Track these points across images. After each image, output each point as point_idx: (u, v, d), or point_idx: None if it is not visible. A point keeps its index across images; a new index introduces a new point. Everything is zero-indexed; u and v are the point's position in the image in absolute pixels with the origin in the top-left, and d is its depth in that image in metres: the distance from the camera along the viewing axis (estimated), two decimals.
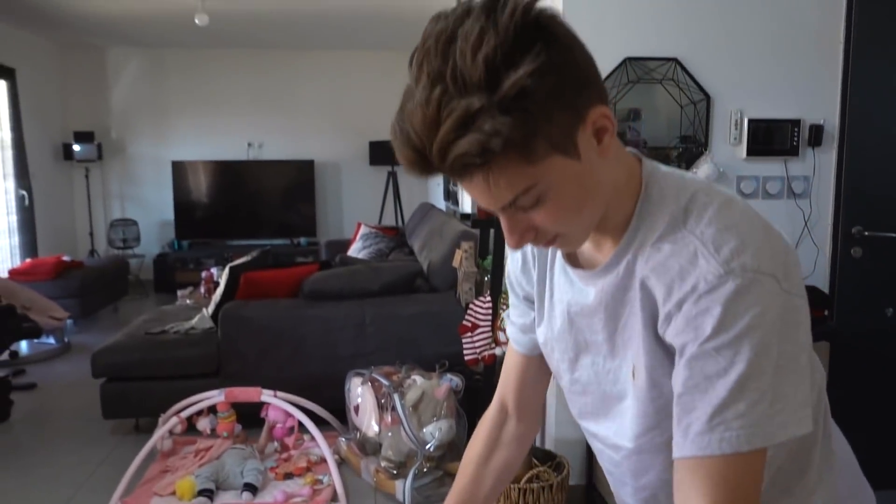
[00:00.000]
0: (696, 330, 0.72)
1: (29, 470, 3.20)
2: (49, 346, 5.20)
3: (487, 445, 1.08)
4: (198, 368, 3.49)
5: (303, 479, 2.94)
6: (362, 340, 3.49)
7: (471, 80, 0.65)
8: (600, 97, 0.73)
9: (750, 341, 0.69)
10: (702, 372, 0.71)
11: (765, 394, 0.70)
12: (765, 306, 0.70)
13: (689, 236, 0.75)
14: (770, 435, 0.71)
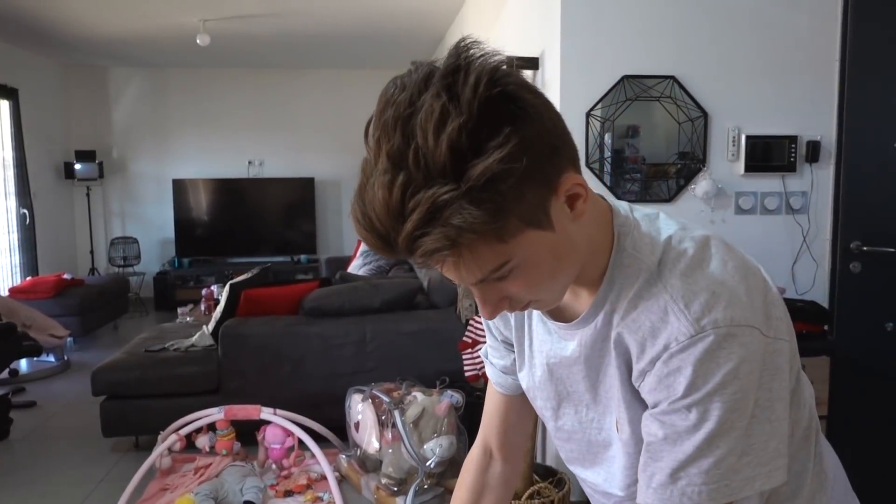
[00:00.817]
0: (668, 389, 0.71)
1: (29, 487, 3.18)
2: (49, 364, 5.19)
3: (474, 491, 1.06)
4: (197, 386, 3.48)
5: (303, 497, 2.92)
6: (362, 357, 3.49)
7: (435, 166, 0.61)
8: (571, 161, 0.70)
9: (721, 398, 0.68)
10: (672, 426, 0.71)
11: (733, 449, 0.69)
12: (740, 359, 0.68)
13: (662, 292, 0.73)
14: (735, 490, 0.70)
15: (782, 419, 0.72)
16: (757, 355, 0.70)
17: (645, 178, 2.79)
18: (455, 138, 0.60)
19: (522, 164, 0.62)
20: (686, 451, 0.70)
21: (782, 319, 0.74)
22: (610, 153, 2.77)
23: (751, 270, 0.75)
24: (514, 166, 0.62)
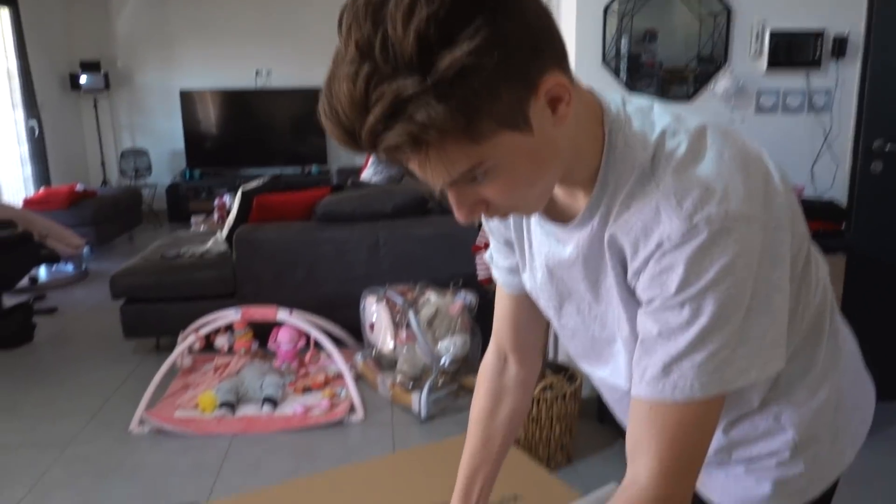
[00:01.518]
0: (661, 286, 0.70)
1: (56, 386, 3.29)
2: (67, 273, 5.28)
3: (491, 397, 1.05)
4: (214, 290, 3.54)
5: (321, 393, 3.01)
6: (376, 262, 3.51)
7: (402, 57, 0.57)
8: (556, 61, 0.65)
9: (715, 294, 0.68)
10: (665, 323, 0.71)
11: (727, 342, 0.69)
12: (735, 254, 0.67)
13: (654, 191, 0.70)
14: (728, 381, 0.70)
15: (781, 309, 0.72)
16: (754, 248, 0.68)
17: (661, 83, 2.72)
18: (424, 28, 0.57)
19: (495, 59, 0.58)
20: (679, 347, 0.70)
21: (784, 207, 0.72)
22: (626, 57, 2.70)
23: (750, 157, 0.72)
24: (486, 60, 0.58)
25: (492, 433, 1.04)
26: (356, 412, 2.87)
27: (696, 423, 0.72)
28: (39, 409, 3.04)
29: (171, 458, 2.60)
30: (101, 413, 2.99)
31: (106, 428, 2.85)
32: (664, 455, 0.72)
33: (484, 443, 1.04)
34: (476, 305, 2.98)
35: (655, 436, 0.72)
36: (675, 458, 0.72)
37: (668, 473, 0.72)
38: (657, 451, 0.72)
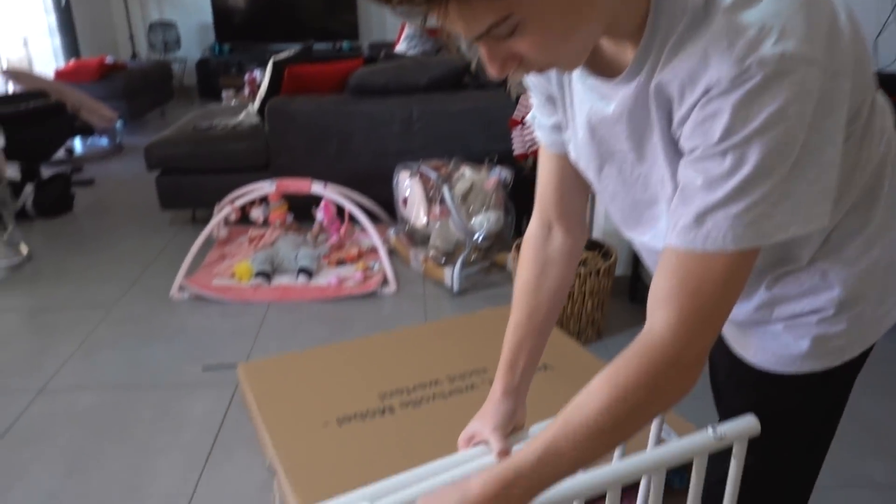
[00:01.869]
0: (704, 134, 0.65)
1: (96, 254, 3.38)
2: (102, 146, 5.31)
3: (537, 268, 1.00)
4: (247, 162, 3.53)
5: (354, 266, 3.05)
6: (409, 137, 3.45)
7: None
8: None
9: (761, 143, 0.63)
10: (705, 172, 0.66)
11: (769, 195, 0.65)
12: (786, 100, 0.61)
13: (705, 33, 0.64)
14: (764, 236, 0.67)
15: (831, 163, 0.67)
16: (810, 94, 0.62)
17: None
18: None
19: None
20: (716, 196, 0.66)
21: (849, 51, 0.66)
22: None
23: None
24: None
25: (537, 304, 1.00)
26: (389, 285, 2.91)
27: (724, 277, 0.69)
28: (83, 275, 3.14)
29: (210, 323, 2.68)
30: (141, 279, 3.07)
31: (147, 293, 2.94)
32: (685, 306, 0.69)
33: (529, 314, 1.00)
34: (511, 181, 2.94)
35: (678, 286, 0.70)
36: (696, 311, 0.70)
37: (687, 326, 0.70)
38: (679, 302, 0.69)
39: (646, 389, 0.71)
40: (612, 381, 0.71)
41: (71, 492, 1.80)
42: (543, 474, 0.72)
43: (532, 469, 0.72)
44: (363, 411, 1.79)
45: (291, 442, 1.68)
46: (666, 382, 0.71)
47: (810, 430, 0.95)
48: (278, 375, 2.00)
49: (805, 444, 0.96)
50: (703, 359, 0.72)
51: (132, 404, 2.18)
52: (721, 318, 0.72)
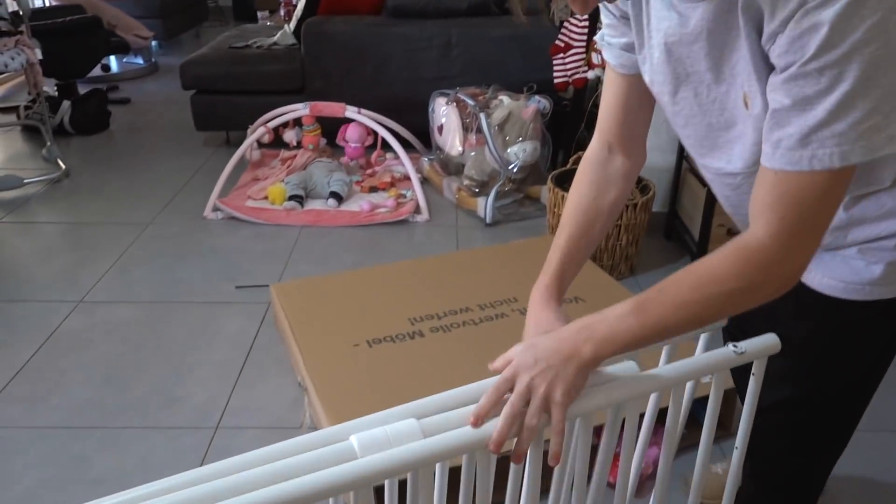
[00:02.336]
0: (800, 50, 0.62)
1: (133, 172, 3.40)
2: (138, 65, 5.29)
3: (594, 189, 1.01)
4: (282, 84, 3.48)
5: (387, 193, 3.03)
6: (447, 62, 3.36)
7: None
8: None
9: (861, 58, 0.60)
10: (801, 91, 0.64)
11: (874, 110, 0.63)
12: (888, 9, 0.59)
13: None
14: (875, 149, 0.65)
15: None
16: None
17: None
18: None
19: None
20: (817, 116, 0.64)
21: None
22: None
23: None
24: None
25: (592, 223, 1.00)
26: (421, 213, 2.89)
27: (826, 191, 0.69)
28: (119, 193, 3.17)
29: (243, 244, 2.70)
30: (176, 199, 3.09)
31: (181, 213, 2.96)
32: (786, 215, 0.70)
33: (585, 230, 1.00)
34: (549, 111, 2.86)
35: (780, 197, 0.70)
36: (798, 220, 0.70)
37: (790, 233, 0.70)
38: (780, 211, 0.70)
39: (740, 280, 0.72)
40: (709, 267, 0.74)
41: (108, 399, 1.86)
42: (624, 324, 0.76)
43: (616, 316, 0.76)
44: (393, 334, 1.80)
45: (323, 361, 1.71)
46: (761, 280, 0.73)
47: (865, 363, 0.93)
48: (310, 297, 2.01)
49: (858, 376, 0.94)
50: (800, 274, 0.74)
51: (167, 320, 2.22)
52: (820, 230, 0.71)
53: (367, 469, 0.67)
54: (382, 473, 0.68)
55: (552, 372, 0.74)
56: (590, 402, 0.79)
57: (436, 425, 0.74)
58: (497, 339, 1.78)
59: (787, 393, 0.97)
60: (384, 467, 0.68)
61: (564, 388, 0.74)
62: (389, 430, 0.71)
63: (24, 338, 2.12)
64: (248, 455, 0.69)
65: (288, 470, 0.66)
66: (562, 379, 0.74)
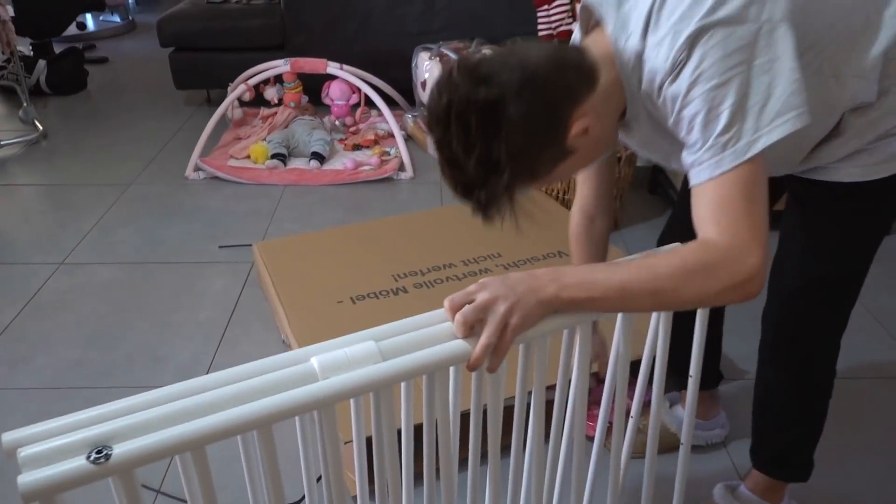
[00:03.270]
0: (687, 119, 0.84)
1: (112, 133, 3.35)
2: (115, 23, 5.17)
3: (588, 251, 1.26)
4: (263, 40, 3.41)
5: (371, 151, 3.00)
6: (430, 16, 3.30)
7: (466, 168, 0.83)
8: (573, 108, 0.84)
9: (708, 88, 0.80)
10: (692, 131, 0.83)
11: (734, 120, 0.79)
12: (702, 55, 0.81)
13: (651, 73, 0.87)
14: (752, 146, 0.79)
15: (789, 71, 0.80)
16: (736, 47, 0.80)
17: None
18: (475, 162, 0.82)
19: (518, 161, 0.81)
20: (717, 129, 0.81)
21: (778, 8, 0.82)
22: None
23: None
24: (514, 164, 0.81)
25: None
26: (406, 170, 2.86)
27: (746, 184, 0.80)
28: (99, 153, 3.12)
29: (226, 203, 2.68)
30: (157, 159, 3.05)
31: (163, 173, 2.92)
32: (722, 220, 0.80)
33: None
34: None
35: (712, 208, 0.81)
36: (733, 222, 0.79)
37: (732, 234, 0.79)
38: (717, 218, 0.80)
39: (699, 261, 0.79)
40: (676, 250, 0.82)
41: (94, 360, 1.86)
42: (591, 276, 0.81)
43: (587, 268, 0.83)
44: (377, 291, 1.80)
45: (306, 317, 1.71)
46: (719, 266, 0.79)
47: (881, 234, 1.10)
48: (293, 254, 2.01)
49: (873, 247, 1.11)
50: (760, 273, 0.79)
51: (150, 280, 2.21)
52: (759, 229, 0.80)
53: (326, 390, 0.69)
54: (342, 394, 0.71)
55: (514, 297, 0.78)
56: (542, 326, 0.82)
57: (395, 348, 0.75)
58: None
59: (818, 273, 1.12)
60: (343, 388, 0.71)
61: (521, 314, 0.78)
62: (349, 353, 0.73)
63: (6, 300, 2.10)
64: (211, 376, 0.71)
65: (250, 391, 0.68)
66: (521, 306, 0.78)
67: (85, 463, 0.60)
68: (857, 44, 0.92)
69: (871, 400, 1.71)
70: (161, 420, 0.64)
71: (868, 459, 1.55)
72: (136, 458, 0.61)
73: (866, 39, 0.92)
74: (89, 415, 0.66)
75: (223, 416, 0.64)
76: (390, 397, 0.78)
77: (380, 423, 0.80)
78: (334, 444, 0.77)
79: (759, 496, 1.33)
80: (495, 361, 0.79)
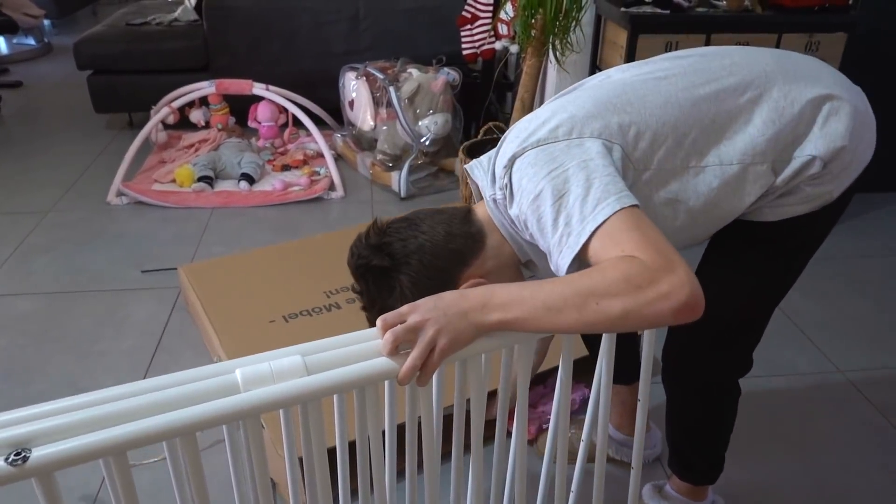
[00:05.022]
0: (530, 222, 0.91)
1: (28, 158, 3.23)
2: (29, 46, 4.99)
3: None
4: (186, 62, 3.36)
5: (300, 171, 2.98)
6: (356, 36, 3.32)
7: (373, 312, 1.01)
8: (461, 269, 0.99)
9: (534, 196, 0.88)
10: (537, 239, 0.91)
11: (566, 206, 0.85)
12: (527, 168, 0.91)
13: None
14: (594, 217, 0.82)
15: (601, 169, 0.86)
16: (550, 156, 0.90)
17: None
18: (379, 309, 0.93)
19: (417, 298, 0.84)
20: (558, 224, 0.86)
21: (590, 133, 0.92)
22: None
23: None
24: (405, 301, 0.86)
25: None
26: (336, 189, 2.86)
27: (610, 238, 0.81)
28: (14, 181, 3.00)
29: (151, 228, 2.61)
30: (77, 185, 2.96)
31: (84, 199, 2.83)
32: (625, 245, 0.80)
33: None
34: (459, 83, 2.87)
35: (596, 253, 0.82)
36: (635, 246, 0.79)
37: (641, 250, 0.78)
38: (615, 248, 0.80)
39: (625, 273, 0.77)
40: (599, 265, 0.80)
41: (9, 395, 1.78)
42: (520, 294, 0.80)
43: (517, 286, 0.81)
44: (309, 308, 1.79)
45: (238, 339, 1.68)
46: (643, 282, 0.76)
47: (801, 258, 1.11)
48: (222, 276, 1.97)
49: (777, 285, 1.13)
50: (691, 289, 0.76)
51: (71, 310, 2.13)
52: (659, 242, 0.79)
53: (247, 402, 0.70)
54: (262, 406, 0.70)
55: (444, 321, 0.78)
56: (474, 347, 0.82)
57: (322, 363, 0.76)
58: None
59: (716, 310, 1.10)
60: (264, 401, 0.71)
61: (450, 338, 0.78)
62: (274, 366, 0.73)
63: None
64: (134, 384, 0.71)
65: (171, 400, 0.68)
66: (451, 328, 0.78)
67: (2, 464, 0.59)
68: (711, 141, 0.96)
69: (786, 396, 1.80)
70: (81, 424, 0.64)
71: (786, 452, 1.62)
72: (56, 461, 0.61)
73: (726, 135, 0.96)
74: (8, 417, 0.65)
75: (142, 423, 0.64)
76: (319, 412, 0.78)
77: (308, 437, 0.80)
78: (260, 455, 0.76)
79: (683, 495, 1.37)
80: (423, 380, 0.80)
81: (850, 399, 1.78)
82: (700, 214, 0.98)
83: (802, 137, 0.98)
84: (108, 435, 0.63)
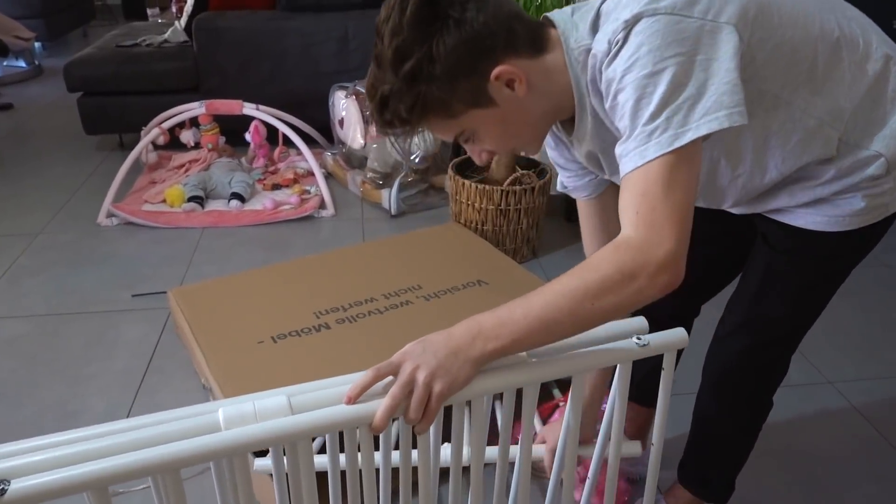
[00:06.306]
0: (620, 103, 0.83)
1: (18, 180, 3.23)
2: (20, 68, 5.01)
3: None
4: (176, 83, 3.38)
5: (290, 190, 2.99)
6: (345, 56, 3.35)
7: (387, 68, 0.84)
8: (508, 51, 0.85)
9: (637, 76, 0.79)
10: (623, 117, 0.82)
11: (662, 109, 0.78)
12: (637, 44, 0.80)
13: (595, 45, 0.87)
14: (678, 137, 0.77)
15: (726, 72, 0.79)
16: (662, 38, 0.79)
17: None
18: (397, 47, 0.82)
19: (445, 63, 0.82)
20: (637, 125, 0.80)
21: (719, 13, 0.81)
22: None
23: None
24: (432, 68, 0.82)
25: None
26: (327, 208, 2.87)
27: (667, 176, 0.78)
28: (4, 202, 3.00)
29: (142, 250, 2.61)
30: (68, 206, 2.96)
31: (74, 220, 2.83)
32: (641, 209, 0.78)
33: None
34: None
35: (631, 196, 0.80)
36: (651, 211, 0.77)
37: (647, 223, 0.77)
38: (636, 207, 0.79)
39: (612, 264, 0.77)
40: (588, 259, 0.80)
41: (1, 419, 1.77)
42: (510, 316, 0.78)
43: (504, 308, 0.79)
44: (298, 329, 1.79)
45: (226, 360, 1.68)
46: (633, 267, 0.76)
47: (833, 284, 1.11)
48: (211, 299, 1.97)
49: (823, 295, 1.13)
50: (672, 263, 0.77)
51: (61, 332, 2.13)
52: (678, 213, 0.77)
53: (227, 441, 0.70)
54: (243, 446, 0.70)
55: (436, 364, 0.76)
56: (474, 387, 0.80)
57: (308, 403, 0.75)
58: (402, 325, 1.80)
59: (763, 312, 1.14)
60: (244, 441, 0.71)
61: (446, 381, 0.76)
62: (258, 405, 0.73)
63: None
64: (117, 423, 0.71)
65: (153, 438, 0.68)
66: (445, 372, 0.76)
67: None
68: (811, 83, 0.89)
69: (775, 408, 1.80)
70: (61, 460, 0.64)
71: (776, 464, 1.63)
72: (34, 493, 0.61)
73: (824, 85, 0.90)
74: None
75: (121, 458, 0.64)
76: (309, 451, 0.77)
77: (297, 475, 0.79)
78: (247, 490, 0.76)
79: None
80: (423, 427, 0.77)
81: (840, 410, 1.79)
82: (749, 153, 0.93)
83: (877, 127, 0.93)
84: (88, 469, 0.63)
